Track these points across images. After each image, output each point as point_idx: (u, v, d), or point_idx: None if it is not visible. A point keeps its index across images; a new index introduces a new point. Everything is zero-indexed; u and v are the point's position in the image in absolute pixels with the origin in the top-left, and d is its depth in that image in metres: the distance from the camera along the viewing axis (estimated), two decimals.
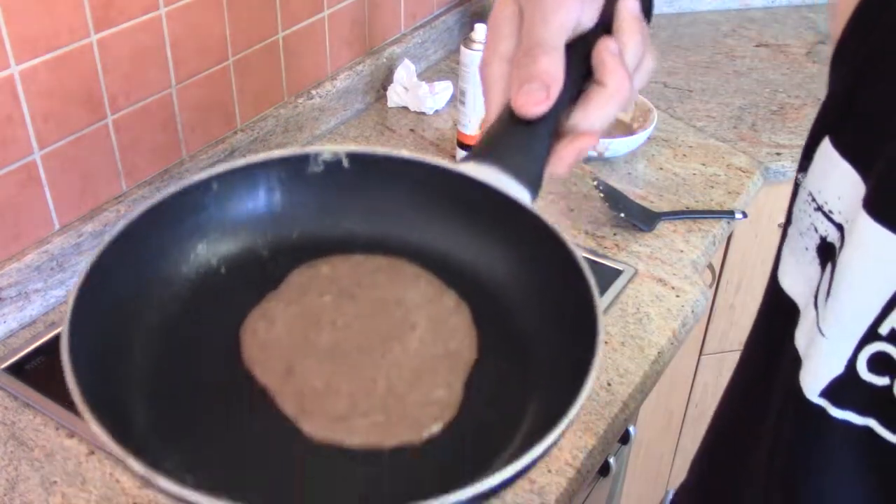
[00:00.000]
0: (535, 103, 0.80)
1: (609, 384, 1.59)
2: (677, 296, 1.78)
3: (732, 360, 2.16)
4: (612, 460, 1.67)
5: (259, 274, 0.87)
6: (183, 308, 0.84)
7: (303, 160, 0.87)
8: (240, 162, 0.86)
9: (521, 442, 0.71)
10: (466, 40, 2.00)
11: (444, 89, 2.35)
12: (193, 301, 0.84)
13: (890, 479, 0.82)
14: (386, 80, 2.40)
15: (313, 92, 2.19)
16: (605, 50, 0.82)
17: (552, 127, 0.82)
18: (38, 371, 1.58)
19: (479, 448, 0.73)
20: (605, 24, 0.86)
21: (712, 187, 2.06)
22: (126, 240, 0.79)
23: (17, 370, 1.58)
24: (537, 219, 0.81)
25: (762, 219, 2.24)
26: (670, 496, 1.28)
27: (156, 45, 1.75)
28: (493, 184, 0.81)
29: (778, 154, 2.18)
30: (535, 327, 0.83)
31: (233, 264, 0.87)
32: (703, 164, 2.14)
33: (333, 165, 0.87)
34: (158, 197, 0.82)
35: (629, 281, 1.80)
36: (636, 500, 2.47)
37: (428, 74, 2.53)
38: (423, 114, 2.33)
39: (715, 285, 2.28)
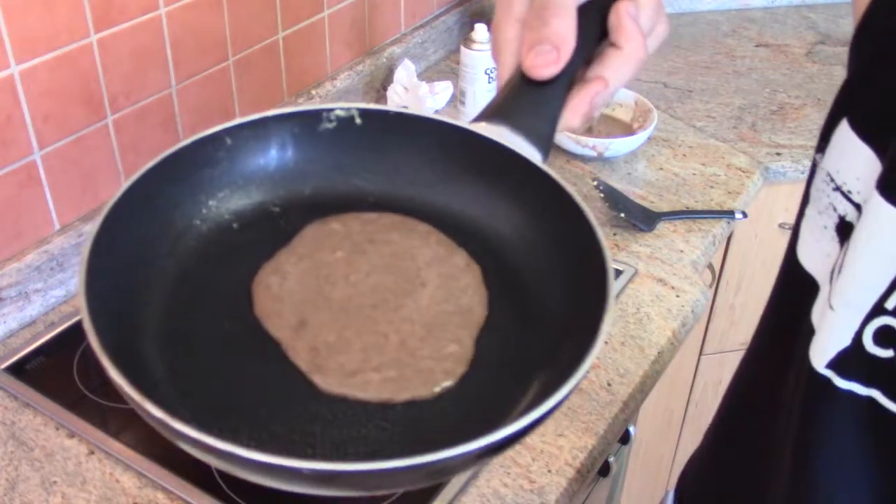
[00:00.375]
0: (544, 65, 0.80)
1: (609, 384, 1.59)
2: (677, 296, 1.78)
3: (732, 359, 2.16)
4: (612, 460, 1.67)
5: (271, 230, 0.88)
6: (196, 261, 0.84)
7: (315, 116, 0.89)
8: (253, 116, 0.88)
9: (533, 397, 0.72)
10: (466, 40, 2.01)
11: (444, 89, 2.35)
12: (206, 255, 0.85)
13: (892, 448, 0.84)
14: (386, 80, 2.40)
15: (313, 92, 2.19)
16: (623, 12, 0.83)
17: (564, 88, 0.83)
18: (38, 371, 1.58)
19: (491, 403, 0.74)
20: None
21: (712, 187, 2.06)
22: (139, 190, 0.80)
23: (18, 370, 1.58)
24: (548, 177, 0.82)
25: (762, 219, 2.24)
26: (671, 496, 1.28)
27: (156, 45, 1.75)
28: (504, 143, 0.82)
29: (778, 154, 2.18)
30: (545, 286, 0.83)
31: (245, 220, 0.88)
32: (703, 164, 2.14)
33: (346, 122, 0.89)
34: (172, 149, 0.83)
35: (629, 281, 1.80)
36: (636, 500, 2.47)
37: (428, 74, 2.53)
38: None
39: (715, 285, 2.28)
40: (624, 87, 2.13)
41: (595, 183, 1.94)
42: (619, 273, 1.81)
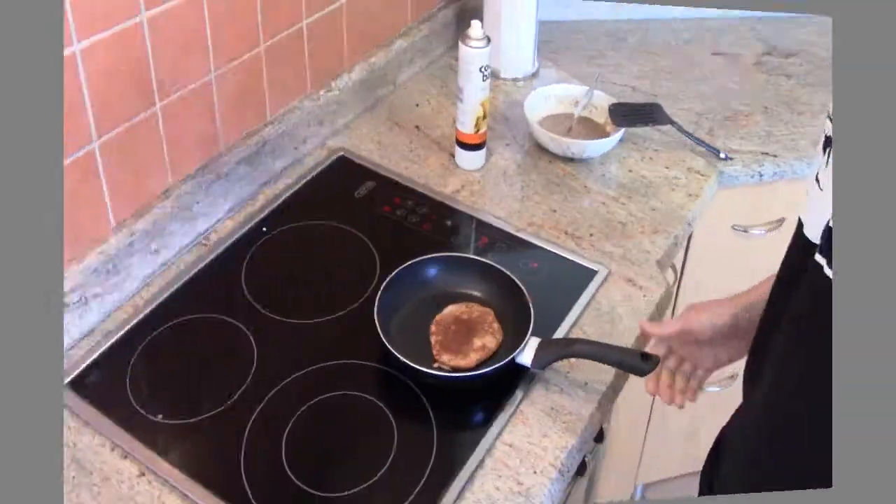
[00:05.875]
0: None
1: (586, 383, 1.52)
2: (644, 295, 1.70)
3: None
4: (588, 458, 1.60)
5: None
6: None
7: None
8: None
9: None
10: (463, 37, 1.87)
11: None
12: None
13: None
14: (395, 75, 2.27)
15: (332, 84, 2.06)
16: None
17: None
18: (95, 385, 1.48)
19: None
20: None
21: (674, 189, 1.96)
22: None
23: (78, 385, 1.48)
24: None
25: (717, 221, 2.14)
26: (639, 492, 1.26)
27: (197, 27, 1.61)
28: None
29: (730, 159, 2.07)
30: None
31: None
32: (667, 168, 2.03)
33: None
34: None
35: (603, 282, 1.72)
36: (610, 496, 2.39)
37: (431, 70, 2.39)
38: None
39: (676, 285, 2.20)
40: (598, 90, 2.02)
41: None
42: (593, 273, 1.74)
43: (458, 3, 2.48)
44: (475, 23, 1.87)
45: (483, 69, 1.87)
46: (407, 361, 1.46)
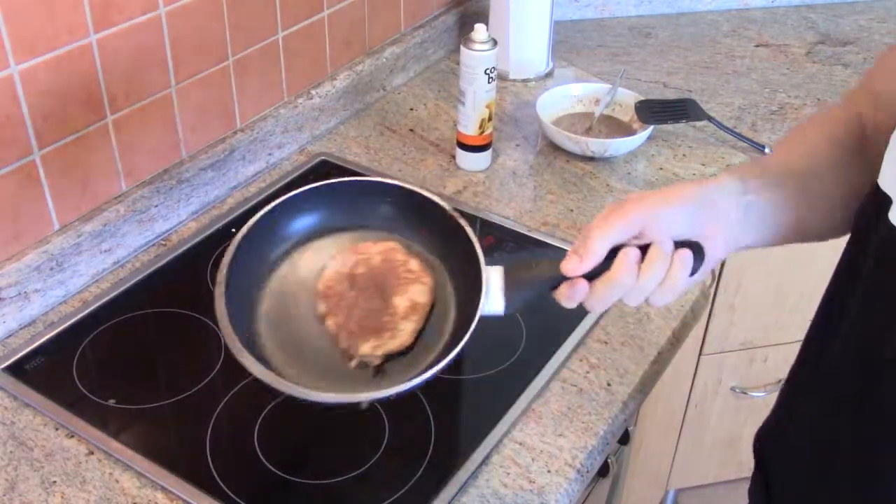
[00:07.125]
0: (568, 270, 1.07)
1: (609, 384, 1.59)
2: None
3: (733, 359, 2.14)
4: (611, 460, 1.66)
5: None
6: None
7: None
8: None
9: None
10: (466, 40, 2.00)
11: None
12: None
13: None
14: (385, 80, 2.41)
15: (313, 92, 2.19)
16: (627, 250, 1.07)
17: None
18: (38, 371, 1.58)
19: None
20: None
21: None
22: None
23: (17, 370, 1.58)
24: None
25: None
26: (670, 496, 1.30)
27: (156, 45, 1.75)
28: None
29: None
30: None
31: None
32: (703, 164, 2.14)
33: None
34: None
35: None
36: (636, 500, 2.46)
37: (428, 74, 2.53)
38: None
39: (714, 285, 2.28)
40: (623, 88, 2.14)
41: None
42: None
43: (460, 8, 2.62)
44: (479, 26, 2.00)
45: (489, 71, 2.00)
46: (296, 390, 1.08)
